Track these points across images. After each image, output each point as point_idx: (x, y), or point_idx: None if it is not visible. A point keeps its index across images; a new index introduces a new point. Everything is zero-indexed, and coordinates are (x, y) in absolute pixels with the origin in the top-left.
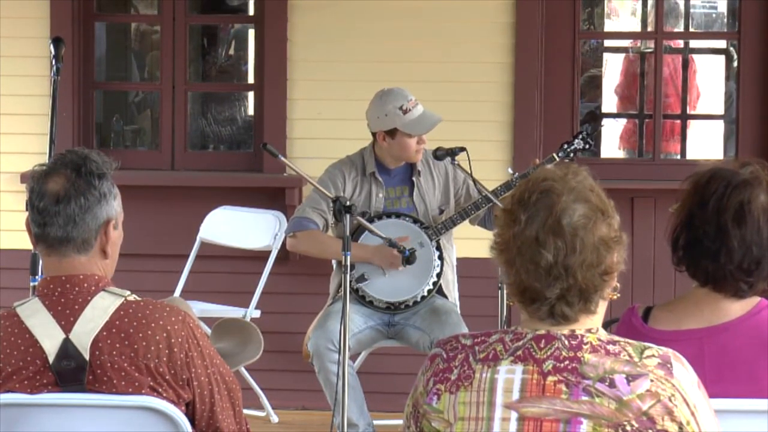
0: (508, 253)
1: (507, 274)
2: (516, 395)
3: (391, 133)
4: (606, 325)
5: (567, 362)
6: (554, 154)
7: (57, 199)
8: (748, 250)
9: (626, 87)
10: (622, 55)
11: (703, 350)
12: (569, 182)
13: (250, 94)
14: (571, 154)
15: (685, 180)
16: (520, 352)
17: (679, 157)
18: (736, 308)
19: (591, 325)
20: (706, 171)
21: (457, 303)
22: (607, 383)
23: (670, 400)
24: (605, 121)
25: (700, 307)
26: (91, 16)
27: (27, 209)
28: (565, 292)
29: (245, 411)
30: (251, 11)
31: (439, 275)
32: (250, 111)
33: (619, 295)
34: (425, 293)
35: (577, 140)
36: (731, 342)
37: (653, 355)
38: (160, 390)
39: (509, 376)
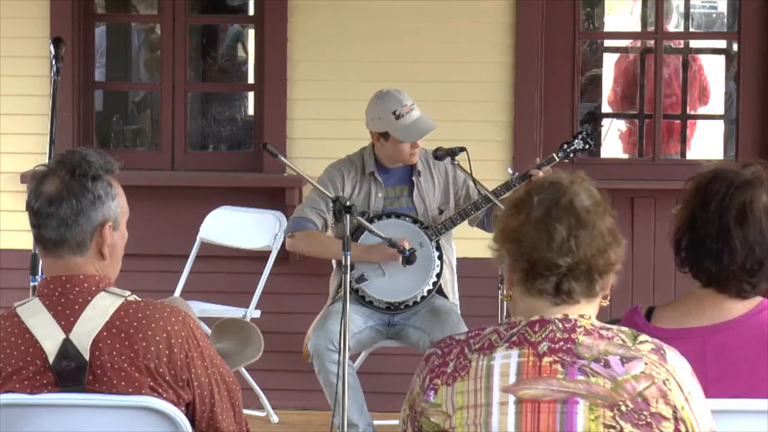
0: (516, 234)
1: (512, 254)
2: (513, 378)
3: (385, 135)
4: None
5: (562, 343)
6: (554, 154)
7: (50, 201)
8: (750, 250)
9: (626, 87)
10: (622, 55)
11: (705, 349)
12: (575, 179)
13: (250, 94)
14: (571, 154)
15: (687, 181)
16: (515, 338)
17: (678, 156)
18: (738, 307)
19: (585, 311)
20: (708, 172)
21: (457, 303)
22: (602, 363)
23: (665, 384)
24: (606, 122)
25: (702, 306)
26: (91, 16)
27: (27, 210)
28: (575, 266)
29: (245, 411)
30: (251, 11)
31: (438, 275)
32: (250, 111)
33: (608, 303)
34: (425, 293)
35: (576, 140)
36: (733, 341)
37: (647, 341)
38: (160, 390)
39: (505, 360)
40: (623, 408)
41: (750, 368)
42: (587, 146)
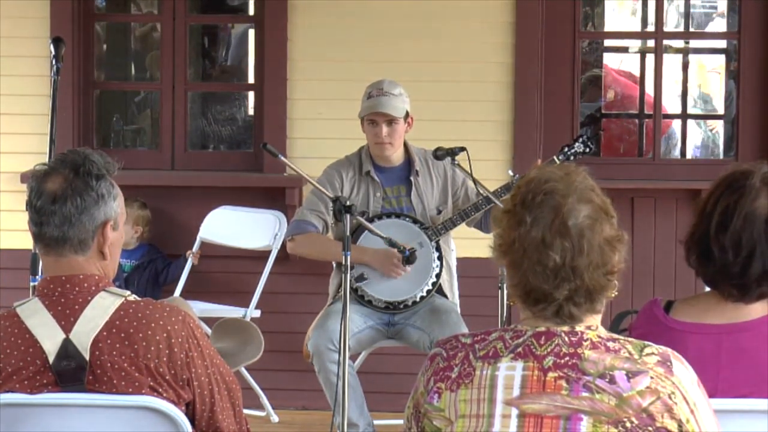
0: (512, 255)
1: (511, 276)
2: (516, 392)
3: (362, 122)
4: (624, 316)
5: (567, 358)
6: (555, 157)
7: (53, 198)
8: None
9: (626, 87)
10: (622, 55)
11: (720, 346)
12: (572, 183)
13: (250, 94)
14: (572, 157)
15: (715, 182)
16: (520, 349)
17: (676, 156)
18: (758, 309)
19: (591, 322)
20: (725, 175)
21: (457, 303)
22: (607, 379)
23: (670, 398)
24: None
25: (723, 304)
26: (91, 16)
27: (27, 209)
28: (573, 293)
29: (245, 411)
30: (251, 11)
31: (438, 276)
32: (250, 111)
33: (617, 293)
34: (424, 293)
35: (577, 143)
36: (749, 342)
37: (653, 353)
38: (160, 390)
39: (510, 372)
40: (628, 424)
41: (763, 372)
42: (588, 149)
